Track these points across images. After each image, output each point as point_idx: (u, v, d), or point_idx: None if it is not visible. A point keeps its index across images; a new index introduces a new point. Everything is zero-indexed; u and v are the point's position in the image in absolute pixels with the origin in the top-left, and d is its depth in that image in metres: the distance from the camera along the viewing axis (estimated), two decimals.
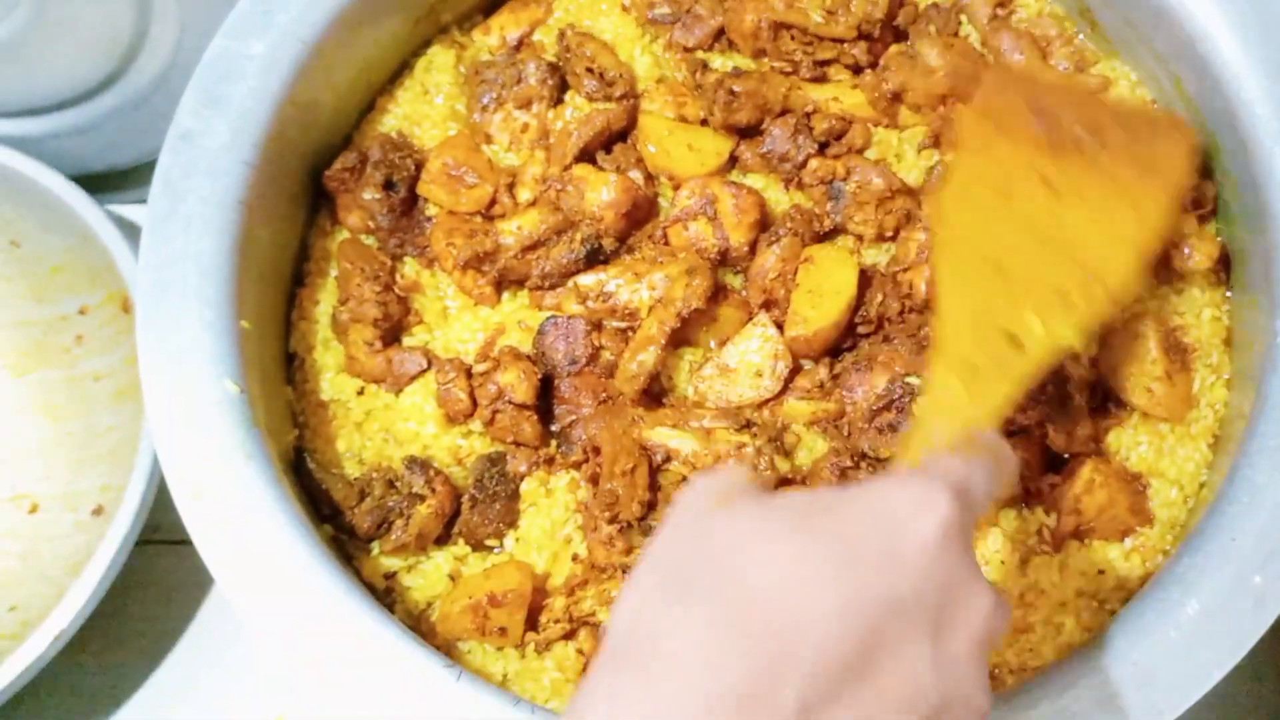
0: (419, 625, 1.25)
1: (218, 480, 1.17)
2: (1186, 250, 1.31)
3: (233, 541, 1.15)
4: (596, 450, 1.27)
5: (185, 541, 1.16)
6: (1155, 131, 1.10)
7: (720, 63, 1.44)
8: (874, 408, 1.24)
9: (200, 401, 1.19)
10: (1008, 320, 0.90)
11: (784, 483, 1.26)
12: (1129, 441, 1.28)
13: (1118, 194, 1.01)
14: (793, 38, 1.40)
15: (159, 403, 1.19)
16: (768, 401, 1.29)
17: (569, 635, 1.23)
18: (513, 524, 1.29)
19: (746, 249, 1.33)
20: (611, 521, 1.22)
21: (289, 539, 1.15)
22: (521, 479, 1.30)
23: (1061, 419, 1.24)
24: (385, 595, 1.27)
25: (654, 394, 1.31)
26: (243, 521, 1.16)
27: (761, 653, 0.62)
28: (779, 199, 1.39)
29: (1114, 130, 1.06)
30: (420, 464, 1.28)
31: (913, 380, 1.24)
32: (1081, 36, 1.45)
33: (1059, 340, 0.92)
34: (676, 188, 1.37)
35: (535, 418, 1.29)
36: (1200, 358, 1.31)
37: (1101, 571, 1.23)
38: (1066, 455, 1.27)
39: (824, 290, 1.28)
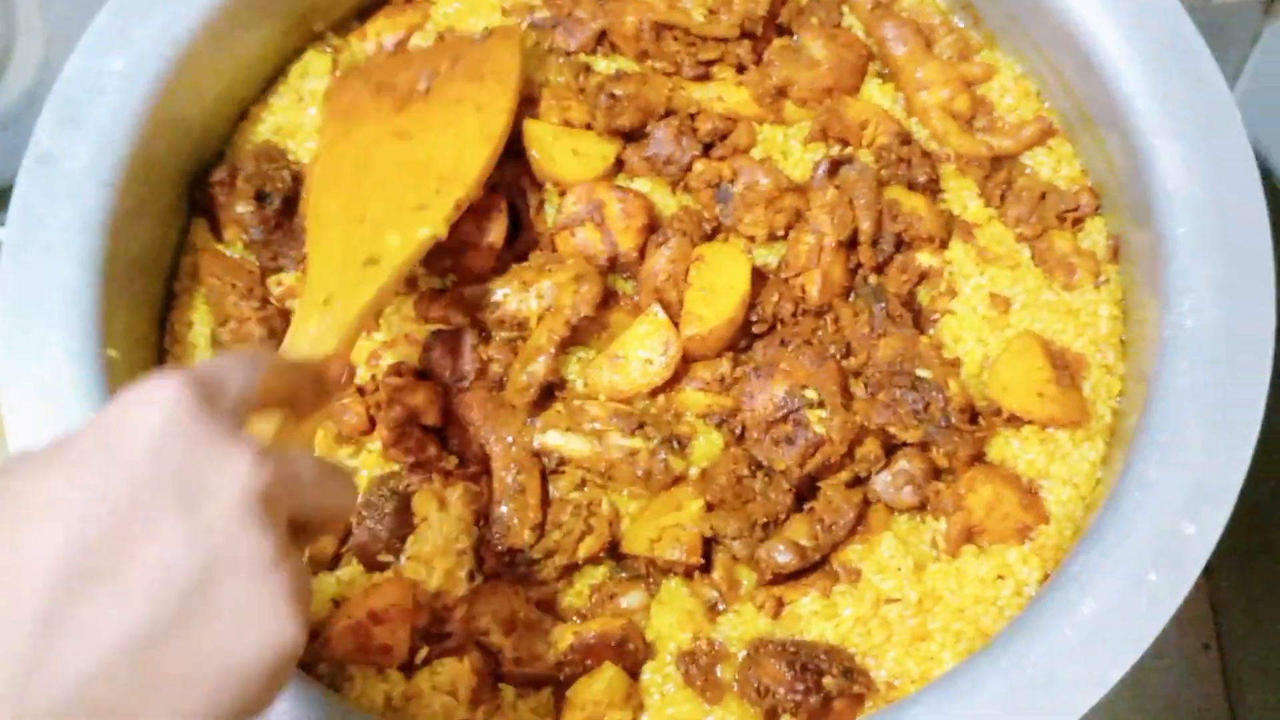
0: (309, 652, 1.20)
1: None
2: (1076, 275, 1.33)
3: None
4: (486, 464, 1.25)
5: None
6: (488, 44, 1.34)
7: (604, 66, 1.41)
8: (770, 419, 1.22)
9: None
10: (368, 249, 1.14)
11: (677, 481, 1.25)
12: (1015, 452, 1.27)
13: (461, 107, 1.27)
14: (675, 39, 1.38)
15: (23, 438, 1.15)
16: (660, 390, 1.27)
17: (458, 651, 1.19)
18: (405, 539, 1.24)
19: (636, 254, 1.30)
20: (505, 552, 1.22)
21: None
22: (412, 493, 1.26)
23: (944, 439, 1.23)
24: None
25: (545, 388, 1.28)
26: None
27: None
28: (666, 203, 1.36)
29: (449, 62, 1.32)
30: None
31: (810, 394, 1.22)
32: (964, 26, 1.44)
33: (419, 238, 1.16)
34: (563, 194, 1.34)
35: (437, 439, 1.27)
36: (1097, 358, 1.30)
37: (1001, 577, 1.22)
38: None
39: (717, 287, 1.27)
